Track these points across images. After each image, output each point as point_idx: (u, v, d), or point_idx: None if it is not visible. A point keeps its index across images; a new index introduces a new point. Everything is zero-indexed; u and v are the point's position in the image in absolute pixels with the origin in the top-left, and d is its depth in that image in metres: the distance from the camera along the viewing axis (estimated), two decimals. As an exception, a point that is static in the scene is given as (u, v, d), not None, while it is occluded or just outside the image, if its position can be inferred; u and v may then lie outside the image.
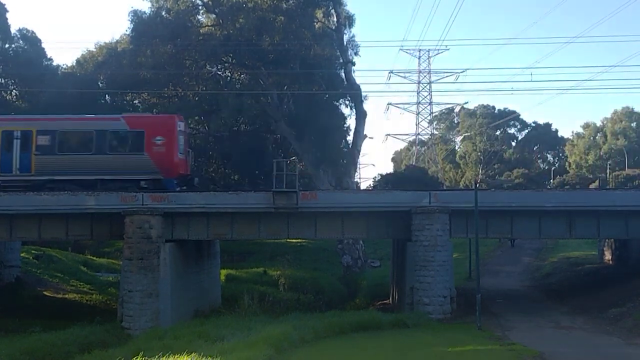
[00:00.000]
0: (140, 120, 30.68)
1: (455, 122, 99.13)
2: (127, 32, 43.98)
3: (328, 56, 43.72)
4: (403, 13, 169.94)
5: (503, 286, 34.14)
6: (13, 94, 46.10)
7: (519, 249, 48.20)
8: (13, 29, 44.79)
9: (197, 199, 27.08)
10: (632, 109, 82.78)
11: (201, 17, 47.00)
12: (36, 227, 27.86)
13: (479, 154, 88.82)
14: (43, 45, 45.97)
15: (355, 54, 46.53)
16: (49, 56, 46.36)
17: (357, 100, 46.06)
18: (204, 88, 44.57)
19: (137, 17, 43.62)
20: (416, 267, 25.65)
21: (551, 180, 70.87)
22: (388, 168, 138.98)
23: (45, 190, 27.05)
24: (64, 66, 46.67)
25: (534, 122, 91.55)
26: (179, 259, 27.59)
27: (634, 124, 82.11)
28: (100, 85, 44.66)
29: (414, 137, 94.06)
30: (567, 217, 27.34)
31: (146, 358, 14.90)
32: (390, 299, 32.88)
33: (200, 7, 45.93)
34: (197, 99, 44.23)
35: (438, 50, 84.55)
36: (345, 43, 45.78)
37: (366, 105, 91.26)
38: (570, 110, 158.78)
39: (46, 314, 28.76)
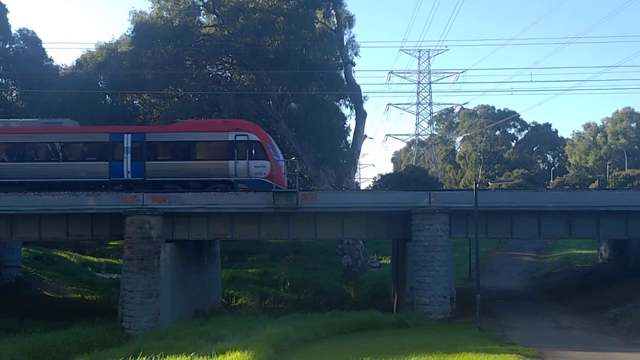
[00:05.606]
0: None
1: (455, 122, 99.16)
2: (128, 33, 44.03)
3: (328, 57, 43.76)
4: (403, 13, 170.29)
5: (503, 286, 34.15)
6: (13, 94, 46.09)
7: (519, 249, 48.25)
8: (13, 29, 44.85)
9: (198, 199, 27.11)
10: (633, 109, 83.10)
11: (202, 18, 47.04)
12: (36, 227, 27.92)
13: (479, 154, 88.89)
14: (43, 45, 46.03)
15: (355, 54, 46.79)
16: (49, 56, 46.43)
17: (357, 100, 46.14)
18: (205, 89, 44.57)
19: (137, 18, 43.69)
20: (416, 267, 25.69)
21: (551, 180, 70.86)
22: (388, 168, 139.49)
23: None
24: (64, 66, 46.68)
25: (534, 123, 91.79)
26: (179, 259, 27.63)
27: (634, 124, 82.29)
28: (101, 85, 44.66)
29: (414, 137, 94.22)
30: (567, 217, 27.36)
31: (146, 358, 14.95)
32: (390, 298, 32.91)
33: (200, 8, 45.95)
34: (197, 99, 44.28)
35: (438, 50, 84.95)
36: (345, 43, 45.91)
37: (366, 106, 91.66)
38: (570, 111, 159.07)
39: (46, 314, 28.80)
